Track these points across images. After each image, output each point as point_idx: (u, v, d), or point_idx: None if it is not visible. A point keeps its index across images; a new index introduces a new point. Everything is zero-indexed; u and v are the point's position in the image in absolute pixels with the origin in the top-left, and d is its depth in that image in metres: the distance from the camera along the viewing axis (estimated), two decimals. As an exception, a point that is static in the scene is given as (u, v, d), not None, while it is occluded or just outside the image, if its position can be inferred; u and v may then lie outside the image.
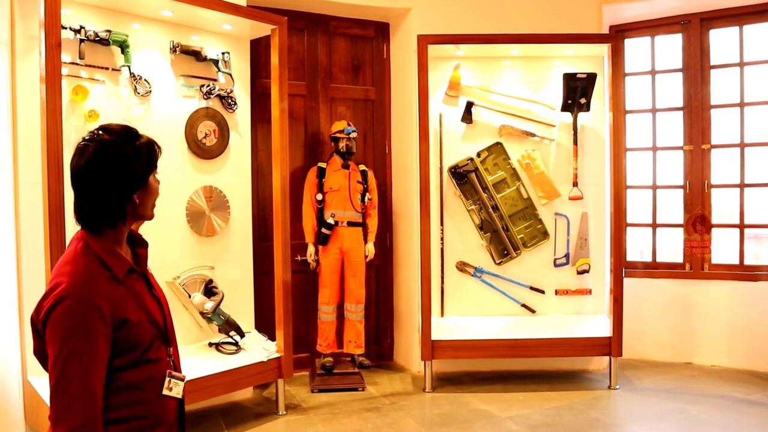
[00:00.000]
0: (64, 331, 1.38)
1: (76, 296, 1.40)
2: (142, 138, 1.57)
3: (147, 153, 1.56)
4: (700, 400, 4.09)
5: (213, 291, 3.76)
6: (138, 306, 1.53)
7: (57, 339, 1.38)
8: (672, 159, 5.09)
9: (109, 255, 1.50)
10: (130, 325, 1.47)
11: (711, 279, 4.87)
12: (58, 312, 1.38)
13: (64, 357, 1.37)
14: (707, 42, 4.91)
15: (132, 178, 1.52)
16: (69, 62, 3.23)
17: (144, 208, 1.58)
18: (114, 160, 1.49)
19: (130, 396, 1.50)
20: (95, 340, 1.39)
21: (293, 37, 4.63)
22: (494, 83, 4.62)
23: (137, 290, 1.56)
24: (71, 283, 1.41)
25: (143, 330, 1.52)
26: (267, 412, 3.97)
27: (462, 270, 4.63)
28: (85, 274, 1.44)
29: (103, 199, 1.49)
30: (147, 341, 1.53)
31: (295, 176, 4.54)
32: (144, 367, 1.53)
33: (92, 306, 1.40)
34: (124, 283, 1.52)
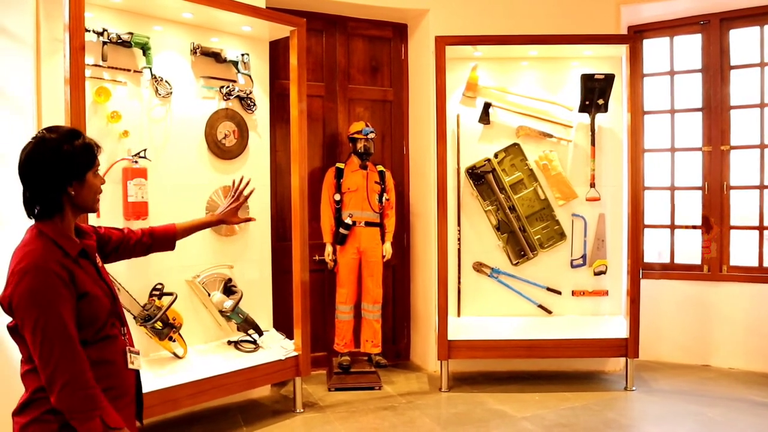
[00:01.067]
0: (34, 301, 1.55)
1: (36, 268, 1.57)
2: (83, 139, 1.74)
3: (83, 151, 1.72)
4: (717, 402, 4.07)
5: (232, 290, 3.81)
6: (93, 283, 1.72)
7: (29, 309, 1.55)
8: (690, 160, 5.05)
9: (60, 237, 1.68)
10: (89, 297, 1.66)
11: (729, 281, 4.83)
12: (24, 285, 1.56)
13: (42, 325, 1.54)
14: (727, 42, 4.87)
15: (66, 171, 1.68)
16: (92, 64, 3.29)
17: (83, 201, 1.73)
18: (48, 155, 1.66)
19: (97, 371, 1.66)
20: (63, 304, 1.58)
21: (312, 38, 4.66)
22: (512, 84, 4.62)
23: (90, 271, 1.74)
24: (30, 260, 1.58)
25: (100, 304, 1.71)
26: (284, 409, 4.01)
27: (479, 270, 4.64)
28: (42, 250, 1.61)
29: (42, 189, 1.67)
30: (104, 316, 1.72)
31: (314, 176, 4.58)
32: (105, 343, 1.73)
33: (53, 274, 1.57)
34: (77, 262, 1.69)
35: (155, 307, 3.36)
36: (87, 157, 1.73)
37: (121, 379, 1.78)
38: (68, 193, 1.69)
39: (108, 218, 3.31)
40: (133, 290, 3.36)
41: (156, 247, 2.19)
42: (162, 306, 3.38)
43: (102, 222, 3.28)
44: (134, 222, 3.46)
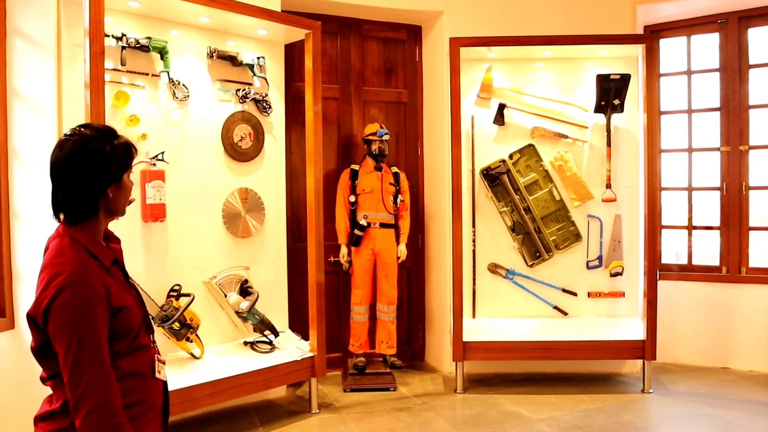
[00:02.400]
0: (70, 319, 1.45)
1: (77, 284, 1.48)
2: (120, 138, 1.65)
3: (123, 152, 1.64)
4: (736, 405, 4.03)
5: (248, 291, 3.84)
6: (126, 293, 1.64)
7: (64, 328, 1.45)
8: (708, 160, 5.00)
9: (94, 245, 1.59)
10: (125, 310, 1.58)
11: (749, 283, 4.77)
12: (61, 301, 1.46)
13: (77, 344, 1.45)
14: (745, 41, 4.81)
15: (107, 173, 1.60)
16: (111, 68, 3.34)
17: (116, 204, 1.66)
18: (91, 155, 1.58)
19: (130, 383, 1.60)
20: (100, 325, 1.49)
21: (327, 41, 4.69)
22: (526, 85, 4.61)
23: (120, 279, 1.66)
24: (69, 273, 1.49)
25: (134, 315, 1.63)
26: (300, 410, 4.03)
27: (494, 272, 4.63)
28: (81, 263, 1.52)
29: (79, 191, 1.57)
30: (136, 327, 1.64)
31: (329, 178, 4.60)
32: (138, 354, 1.64)
33: (93, 292, 1.49)
34: (110, 271, 1.61)
35: (173, 307, 3.40)
36: (126, 157, 1.65)
37: (150, 390, 1.69)
38: (106, 195, 1.61)
39: (126, 220, 3.33)
40: (150, 291, 3.41)
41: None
42: (179, 307, 3.42)
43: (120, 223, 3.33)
44: (151, 224, 3.51)
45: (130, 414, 1.57)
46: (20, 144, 3.25)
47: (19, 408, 3.18)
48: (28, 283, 3.26)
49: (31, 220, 3.26)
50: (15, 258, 3.27)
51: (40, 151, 3.23)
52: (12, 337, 3.21)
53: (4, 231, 3.23)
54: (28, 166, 3.25)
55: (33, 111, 3.24)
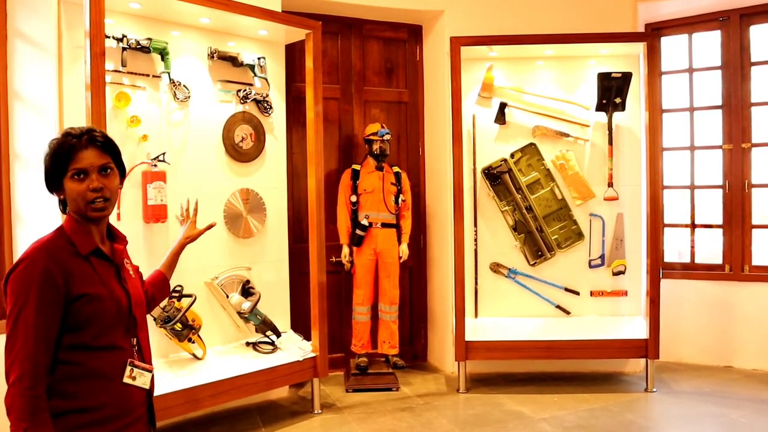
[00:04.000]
0: (15, 290, 1.50)
1: (30, 259, 1.52)
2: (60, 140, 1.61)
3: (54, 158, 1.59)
4: (740, 404, 4.01)
5: (250, 291, 3.84)
6: (100, 284, 1.60)
7: (10, 298, 1.51)
8: (711, 158, 4.99)
9: (75, 234, 1.61)
10: (88, 298, 1.55)
11: (751, 281, 4.76)
12: (14, 275, 1.52)
13: (15, 315, 1.49)
14: (747, 38, 4.80)
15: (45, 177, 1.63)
16: (112, 70, 3.34)
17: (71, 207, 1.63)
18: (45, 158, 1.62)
19: (93, 384, 1.57)
20: (43, 301, 1.49)
21: (327, 41, 4.69)
22: (528, 84, 4.61)
23: (101, 272, 1.62)
24: (30, 250, 1.55)
25: (103, 307, 1.58)
26: (303, 410, 4.03)
27: (496, 271, 4.63)
28: (45, 243, 1.56)
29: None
30: (106, 321, 1.59)
31: (330, 178, 4.60)
32: (107, 354, 1.60)
33: (43, 268, 1.50)
34: (89, 261, 1.60)
35: (175, 308, 3.40)
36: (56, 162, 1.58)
37: (118, 396, 1.61)
38: (58, 198, 1.64)
39: (128, 221, 3.37)
40: (152, 292, 3.40)
41: (158, 298, 2.09)
42: (181, 308, 3.42)
43: (122, 224, 3.34)
44: (153, 225, 3.51)
45: (92, 417, 1.55)
46: (21, 145, 3.26)
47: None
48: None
49: (32, 220, 3.27)
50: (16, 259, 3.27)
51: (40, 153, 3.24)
52: (14, 339, 3.21)
53: (5, 231, 3.24)
54: (29, 167, 3.26)
55: (34, 112, 3.25)
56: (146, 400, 1.71)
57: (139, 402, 1.67)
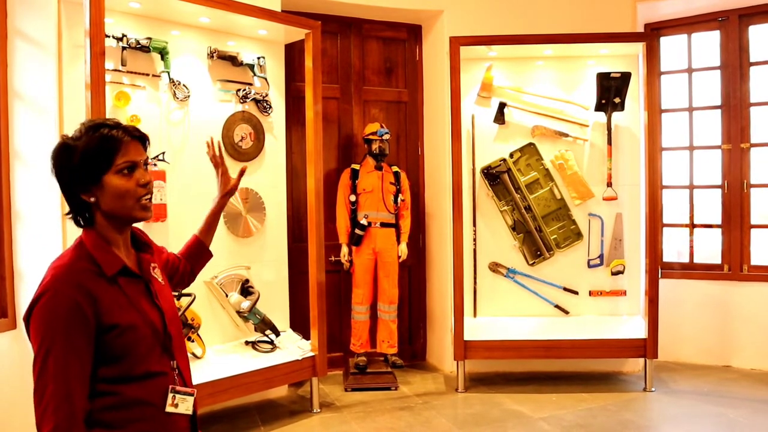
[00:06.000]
0: (40, 329, 1.33)
1: (53, 291, 1.33)
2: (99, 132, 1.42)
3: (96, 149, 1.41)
4: (738, 403, 4.02)
5: (249, 290, 3.85)
6: (131, 309, 1.43)
7: (35, 338, 1.33)
8: (709, 158, 5.00)
9: (99, 251, 1.42)
10: (120, 329, 1.38)
11: (750, 281, 4.77)
12: (37, 308, 1.34)
13: (43, 356, 1.31)
14: (746, 38, 4.81)
15: (75, 175, 1.41)
16: (112, 69, 3.35)
17: (109, 208, 1.44)
18: (56, 158, 1.42)
19: (132, 413, 1.43)
20: (73, 338, 1.33)
21: (327, 40, 4.70)
22: (527, 84, 4.61)
23: (131, 293, 1.45)
24: (51, 278, 1.36)
25: (137, 336, 1.42)
26: (302, 409, 4.04)
27: (495, 271, 4.63)
28: (67, 268, 1.37)
29: (64, 195, 1.45)
30: (142, 350, 1.43)
31: (329, 178, 4.60)
32: (146, 383, 1.45)
33: (69, 301, 1.33)
34: (116, 282, 1.42)
35: (174, 307, 3.40)
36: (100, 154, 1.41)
37: (161, 424, 1.47)
38: (89, 199, 1.42)
39: (127, 220, 3.37)
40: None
41: (197, 267, 1.95)
42: (181, 306, 3.42)
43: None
44: (153, 224, 3.51)
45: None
46: (21, 145, 3.26)
47: (21, 409, 3.19)
48: (29, 283, 3.27)
49: (33, 220, 3.27)
50: (16, 258, 3.28)
51: (41, 152, 3.24)
52: (14, 338, 3.22)
53: (5, 231, 3.24)
54: (30, 167, 3.26)
55: (34, 112, 3.25)
56: (189, 424, 1.57)
57: (183, 428, 1.54)
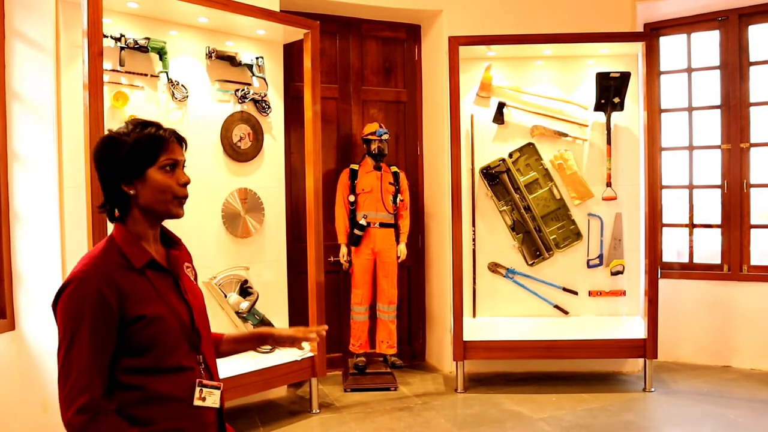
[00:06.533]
0: (66, 315, 1.39)
1: (80, 280, 1.40)
2: (147, 130, 1.51)
3: (143, 144, 1.48)
4: (738, 404, 4.01)
5: (248, 291, 3.84)
6: (159, 301, 1.48)
7: (60, 324, 1.40)
8: (709, 158, 4.99)
9: (127, 244, 1.48)
10: (146, 320, 1.43)
11: (750, 281, 4.76)
12: (64, 297, 1.40)
13: (68, 342, 1.38)
14: (746, 38, 4.80)
15: (120, 167, 1.48)
16: (110, 69, 3.34)
17: (145, 200, 1.50)
18: (104, 149, 1.50)
19: (162, 408, 1.46)
20: (96, 327, 1.38)
21: (325, 40, 4.69)
22: (526, 83, 4.60)
23: (159, 286, 1.50)
24: (79, 269, 1.42)
25: (164, 327, 1.46)
26: (301, 410, 4.03)
27: (494, 271, 4.62)
28: (95, 260, 1.43)
29: (103, 187, 1.52)
30: (169, 342, 1.47)
31: (328, 178, 4.60)
32: (173, 377, 1.48)
33: (95, 290, 1.38)
34: (144, 275, 1.48)
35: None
36: (148, 149, 1.48)
37: (189, 418, 1.50)
38: (129, 191, 1.49)
39: (126, 221, 3.36)
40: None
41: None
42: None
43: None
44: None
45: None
46: (19, 145, 3.26)
47: (20, 409, 3.19)
48: (28, 284, 3.27)
49: (31, 221, 3.27)
50: (15, 259, 3.28)
51: (39, 153, 3.24)
52: (12, 339, 3.22)
53: (4, 232, 3.23)
54: (28, 168, 3.26)
55: (32, 112, 3.25)
56: (217, 418, 1.59)
57: (211, 422, 1.56)
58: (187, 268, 1.64)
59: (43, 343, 3.22)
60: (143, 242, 1.52)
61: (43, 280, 3.24)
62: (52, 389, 3.27)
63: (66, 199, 3.24)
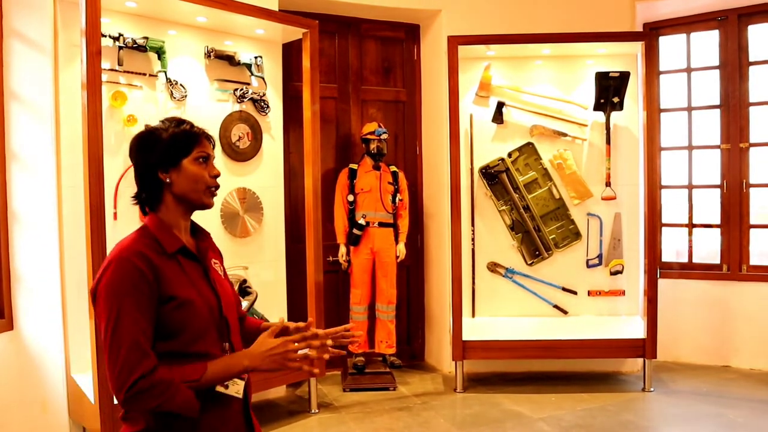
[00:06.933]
0: (108, 296, 1.43)
1: (117, 261, 1.45)
2: (183, 126, 1.62)
3: (179, 137, 1.59)
4: (738, 404, 4.01)
5: (247, 291, 3.83)
6: (190, 285, 1.53)
7: (104, 305, 1.43)
8: (709, 158, 4.99)
9: (160, 231, 1.56)
10: (178, 301, 1.48)
11: (749, 281, 4.76)
12: (104, 279, 1.45)
13: (115, 320, 1.41)
14: (745, 38, 4.80)
15: (157, 156, 1.57)
16: (108, 69, 3.33)
17: (179, 188, 1.58)
18: (143, 140, 1.60)
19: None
20: (139, 300, 1.43)
21: (324, 40, 4.69)
22: (525, 83, 4.60)
23: (190, 272, 1.56)
24: (116, 251, 1.49)
25: (194, 311, 1.51)
26: (300, 410, 4.03)
27: (493, 271, 4.62)
28: (131, 243, 1.50)
29: (138, 176, 1.60)
30: (198, 327, 1.51)
31: (327, 178, 4.59)
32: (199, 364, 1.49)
33: (133, 268, 1.44)
34: (176, 260, 1.54)
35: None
36: (183, 142, 1.58)
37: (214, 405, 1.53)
38: (165, 179, 1.57)
39: (124, 220, 3.36)
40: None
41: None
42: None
43: (118, 223, 3.33)
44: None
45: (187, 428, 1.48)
46: (18, 145, 3.25)
47: (18, 409, 3.18)
48: (27, 283, 3.26)
49: (30, 220, 3.26)
50: (13, 259, 3.27)
51: (37, 152, 3.24)
52: (10, 339, 3.21)
53: (2, 232, 3.23)
54: (26, 167, 3.25)
55: (30, 112, 3.24)
56: (242, 409, 1.61)
57: (236, 411, 1.59)
58: (215, 263, 1.70)
59: (42, 344, 3.22)
60: (175, 230, 1.60)
61: (42, 279, 3.24)
62: (51, 389, 3.28)
63: (64, 198, 3.24)
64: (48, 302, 3.22)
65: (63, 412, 3.22)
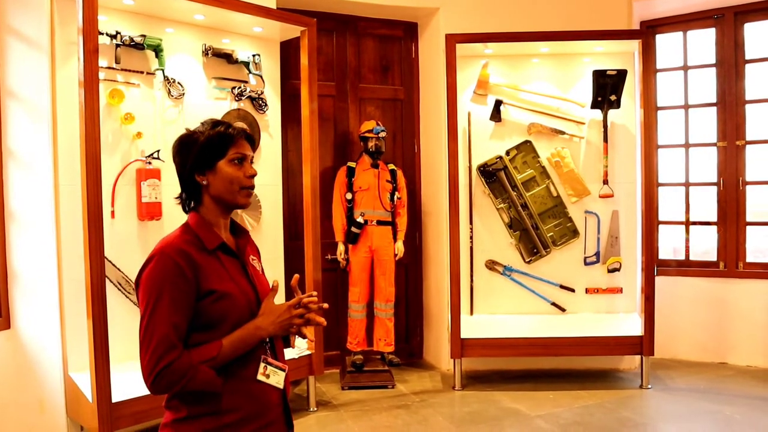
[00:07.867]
0: (148, 287, 1.51)
1: (159, 255, 1.52)
2: (219, 128, 1.65)
3: (214, 139, 1.63)
4: (735, 400, 4.03)
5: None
6: (229, 280, 1.59)
7: (143, 295, 1.51)
8: (705, 155, 5.00)
9: (201, 229, 1.62)
10: (217, 295, 1.54)
11: (746, 278, 4.78)
12: (146, 272, 1.53)
13: (151, 310, 1.49)
14: (742, 36, 4.81)
15: (194, 158, 1.62)
16: (106, 67, 3.32)
17: (217, 191, 1.63)
18: (181, 145, 1.66)
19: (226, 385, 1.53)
20: (174, 295, 1.49)
21: (322, 38, 4.68)
22: (523, 81, 4.61)
23: (229, 267, 1.62)
24: (159, 248, 1.55)
25: (233, 303, 1.57)
26: (298, 408, 4.02)
27: (491, 268, 4.63)
28: (172, 239, 1.57)
29: (179, 177, 1.67)
30: (237, 318, 1.56)
31: (325, 176, 4.59)
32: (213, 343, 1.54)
33: (173, 264, 1.50)
34: (216, 256, 1.60)
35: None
36: (218, 144, 1.62)
37: (252, 397, 1.58)
38: (202, 181, 1.63)
39: (122, 218, 3.36)
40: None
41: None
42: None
43: (116, 222, 3.32)
44: (147, 222, 3.49)
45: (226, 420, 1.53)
46: (14, 143, 3.24)
47: (15, 408, 3.17)
48: (24, 282, 3.25)
49: (27, 219, 3.25)
50: (10, 258, 3.26)
51: (34, 151, 3.22)
52: (8, 337, 3.20)
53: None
54: (23, 166, 3.24)
55: (27, 110, 3.23)
56: (281, 401, 1.66)
57: (275, 403, 1.63)
58: (253, 260, 1.76)
59: (39, 342, 3.21)
60: (215, 228, 1.66)
61: (39, 278, 3.23)
62: (49, 388, 3.27)
63: (61, 196, 3.22)
64: (45, 301, 3.21)
65: (61, 410, 3.21)
